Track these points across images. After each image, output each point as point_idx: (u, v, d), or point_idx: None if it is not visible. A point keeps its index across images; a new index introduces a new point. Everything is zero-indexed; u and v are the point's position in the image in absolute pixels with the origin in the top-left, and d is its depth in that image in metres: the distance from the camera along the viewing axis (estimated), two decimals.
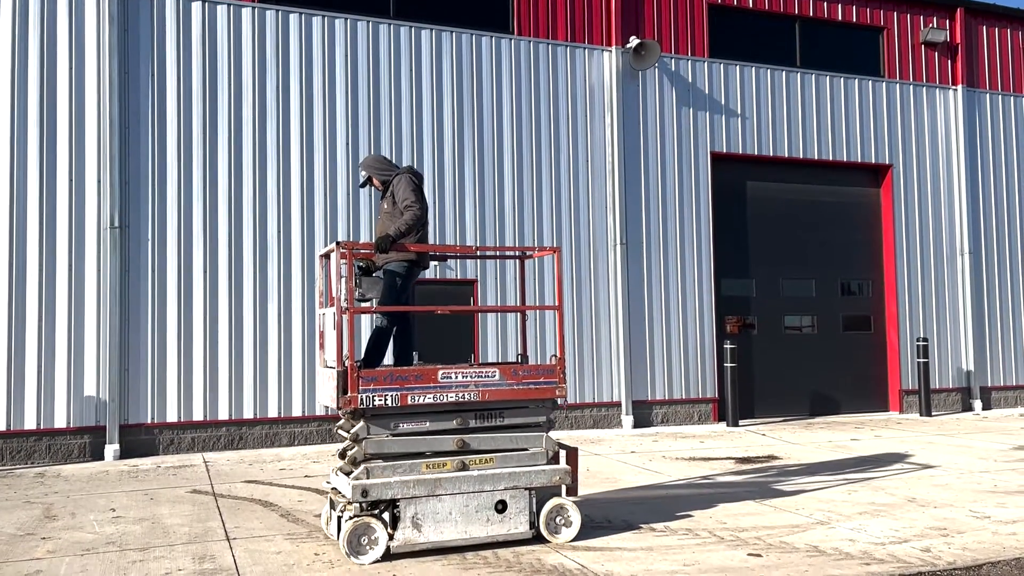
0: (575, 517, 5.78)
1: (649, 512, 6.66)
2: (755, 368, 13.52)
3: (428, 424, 5.54)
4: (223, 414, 10.47)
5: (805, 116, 13.85)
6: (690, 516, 6.52)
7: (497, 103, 12.05)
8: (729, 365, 12.50)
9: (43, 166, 10.04)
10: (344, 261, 5.71)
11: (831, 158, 13.99)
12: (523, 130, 12.15)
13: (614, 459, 9.48)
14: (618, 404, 12.31)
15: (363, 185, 6.67)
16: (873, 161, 14.27)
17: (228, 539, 5.97)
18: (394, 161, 11.41)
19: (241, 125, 10.84)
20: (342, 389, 5.36)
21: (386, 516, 5.40)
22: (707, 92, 13.21)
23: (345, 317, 5.56)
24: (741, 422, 12.75)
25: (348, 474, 5.50)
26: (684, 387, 12.74)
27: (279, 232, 10.90)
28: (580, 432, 11.90)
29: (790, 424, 12.90)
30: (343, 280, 5.67)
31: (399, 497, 5.40)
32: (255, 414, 10.61)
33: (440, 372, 5.55)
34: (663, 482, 8.07)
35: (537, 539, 5.73)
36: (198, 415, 10.38)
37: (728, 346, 12.58)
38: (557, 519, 5.77)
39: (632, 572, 5.05)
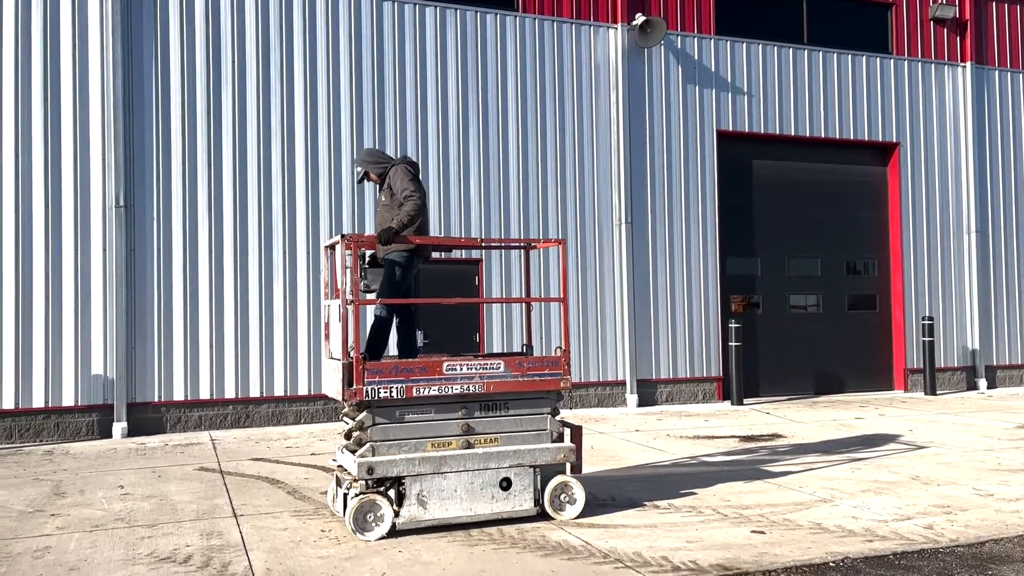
0: (579, 494, 5.82)
1: (653, 490, 6.70)
2: (760, 347, 13.53)
3: (433, 413, 5.57)
4: (229, 392, 10.53)
5: (812, 94, 13.75)
6: (694, 494, 6.55)
7: (502, 81, 11.98)
8: (734, 344, 12.51)
9: (47, 145, 10.04)
10: (349, 252, 5.71)
11: (838, 136, 13.90)
12: (528, 108, 12.09)
13: (618, 437, 9.52)
14: (623, 383, 12.34)
15: (360, 181, 6.64)
16: (880, 139, 14.18)
17: (235, 516, 6.03)
18: (398, 143, 11.39)
19: (245, 103, 10.81)
20: (347, 381, 5.38)
21: (391, 493, 5.44)
22: (713, 70, 13.11)
23: (350, 309, 5.57)
24: (745, 401, 12.78)
25: (354, 452, 5.54)
26: (688, 366, 12.76)
27: (284, 210, 10.89)
28: (584, 411, 11.95)
29: (794, 403, 12.93)
30: (348, 272, 5.67)
31: (404, 475, 5.44)
32: (261, 393, 10.67)
33: (445, 364, 5.56)
34: (667, 460, 8.10)
35: (542, 516, 5.77)
36: (205, 394, 10.44)
37: (733, 325, 12.58)
38: (562, 496, 5.80)
39: (636, 549, 5.09)
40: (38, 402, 9.83)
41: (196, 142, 10.60)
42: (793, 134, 13.59)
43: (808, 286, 14.05)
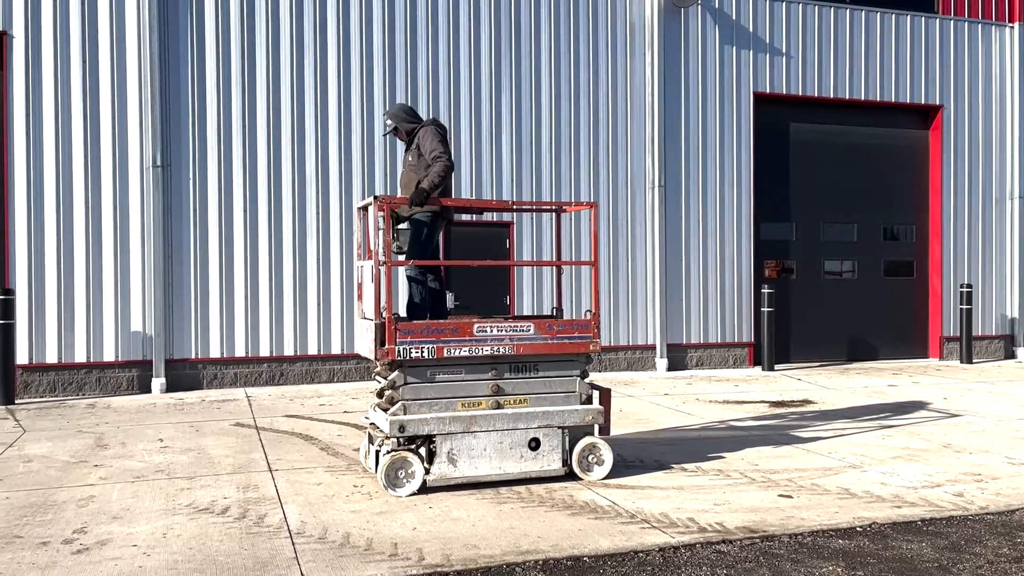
0: (607, 456, 5.87)
1: (681, 453, 6.74)
2: (792, 313, 13.42)
3: (464, 373, 5.64)
4: (264, 351, 10.72)
5: (853, 55, 13.42)
6: (722, 457, 6.58)
7: (535, 41, 11.85)
8: (766, 309, 12.42)
9: (86, 106, 10.16)
10: (382, 214, 5.75)
11: (879, 99, 13.58)
12: (561, 69, 11.96)
13: (647, 401, 9.55)
14: (652, 347, 12.33)
15: (387, 134, 6.66)
16: (923, 102, 13.84)
17: (270, 470, 6.18)
18: (431, 104, 11.36)
19: (279, 62, 10.83)
20: (380, 341, 5.45)
21: (422, 451, 5.54)
22: (751, 30, 12.84)
23: (383, 270, 5.62)
24: (777, 367, 12.72)
25: (386, 410, 5.63)
26: (720, 331, 12.71)
27: (317, 169, 10.96)
28: (614, 374, 11.98)
29: (826, 369, 12.84)
30: (380, 233, 5.72)
31: (435, 433, 5.52)
32: (295, 351, 10.84)
33: (476, 326, 5.61)
34: (696, 424, 8.13)
35: (569, 476, 5.84)
36: (240, 351, 10.64)
37: (766, 290, 12.47)
38: (589, 457, 5.86)
39: (662, 510, 5.14)
40: (80, 357, 10.09)
41: (231, 102, 10.66)
42: (832, 96, 13.31)
43: (844, 251, 13.86)
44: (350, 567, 4.16)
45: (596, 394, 5.99)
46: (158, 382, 10.22)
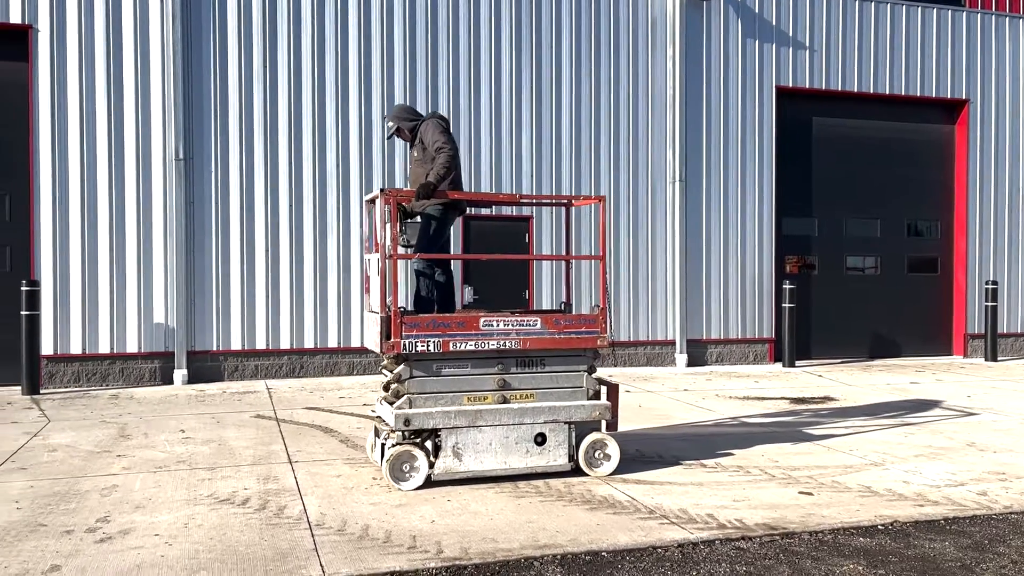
0: (614, 451, 5.83)
1: (700, 448, 6.70)
2: (814, 309, 13.30)
3: (470, 367, 5.63)
4: (285, 343, 10.79)
5: (878, 48, 13.26)
6: (741, 454, 6.54)
7: (556, 35, 11.81)
8: (787, 305, 12.32)
9: (111, 99, 10.25)
10: (389, 207, 5.74)
11: (903, 93, 13.42)
12: (582, 63, 11.91)
13: (667, 396, 9.52)
14: (672, 342, 12.28)
15: (391, 136, 6.64)
16: (949, 96, 13.65)
17: (290, 462, 6.22)
18: (450, 99, 11.36)
19: (300, 56, 10.86)
20: (386, 334, 5.45)
21: (428, 445, 5.53)
22: (774, 23, 12.72)
23: (389, 263, 5.62)
24: (797, 363, 12.62)
25: (391, 403, 5.63)
26: (740, 326, 12.63)
27: (338, 163, 11.00)
28: (633, 369, 11.95)
29: (848, 366, 12.73)
30: (387, 227, 5.71)
31: (440, 427, 5.51)
32: (316, 344, 10.90)
33: (482, 320, 5.59)
34: (715, 420, 8.09)
35: (576, 472, 5.80)
36: (261, 344, 10.71)
37: (787, 286, 12.37)
38: (596, 453, 5.83)
39: (681, 506, 5.12)
40: (104, 348, 10.21)
41: (253, 97, 10.72)
42: (856, 90, 13.16)
43: (866, 247, 13.72)
44: (369, 559, 4.18)
45: (604, 389, 5.95)
46: (180, 373, 10.32)
